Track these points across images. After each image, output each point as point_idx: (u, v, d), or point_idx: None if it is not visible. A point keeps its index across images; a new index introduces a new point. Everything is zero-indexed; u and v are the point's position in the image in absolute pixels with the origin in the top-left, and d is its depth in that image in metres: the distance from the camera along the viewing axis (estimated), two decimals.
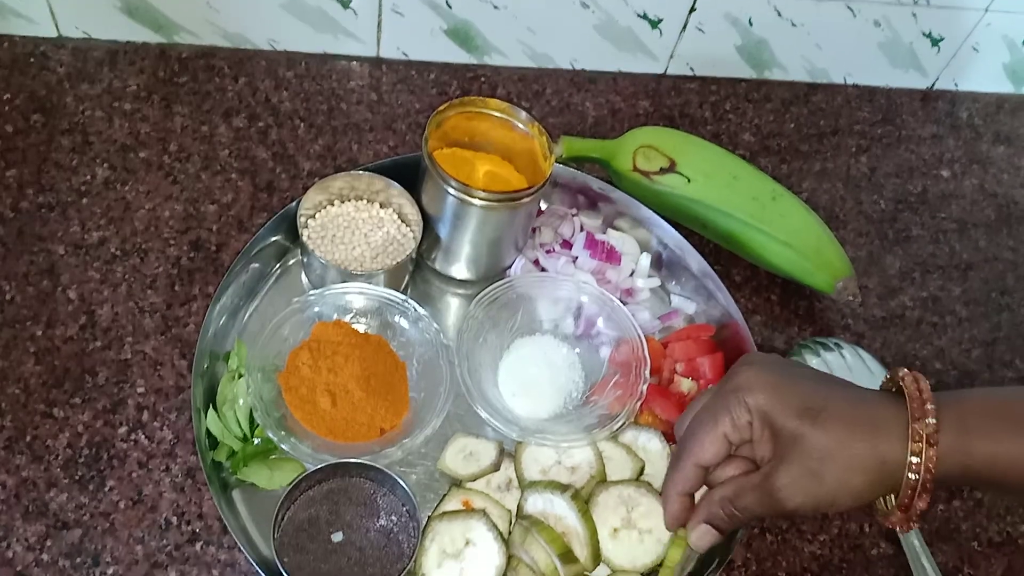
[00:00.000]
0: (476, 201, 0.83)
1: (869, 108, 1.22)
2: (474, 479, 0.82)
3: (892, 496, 0.65)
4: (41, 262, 0.89)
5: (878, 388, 0.69)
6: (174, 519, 0.79)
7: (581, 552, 0.76)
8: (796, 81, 1.21)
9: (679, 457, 0.71)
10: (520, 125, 0.89)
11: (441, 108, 0.87)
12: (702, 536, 0.71)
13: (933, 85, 1.26)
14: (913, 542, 0.85)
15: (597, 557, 0.77)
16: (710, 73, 1.18)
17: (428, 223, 0.89)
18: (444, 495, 0.81)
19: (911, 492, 0.63)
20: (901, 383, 0.65)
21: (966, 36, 1.19)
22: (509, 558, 0.76)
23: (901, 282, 1.07)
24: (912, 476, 0.62)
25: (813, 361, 0.95)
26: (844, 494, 0.64)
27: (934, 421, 0.62)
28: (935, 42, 1.19)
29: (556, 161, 0.89)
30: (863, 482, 0.63)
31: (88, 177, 0.95)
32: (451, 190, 0.83)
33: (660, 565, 0.78)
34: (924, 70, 1.23)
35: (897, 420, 0.63)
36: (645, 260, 0.96)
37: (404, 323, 0.87)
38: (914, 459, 0.62)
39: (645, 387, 0.85)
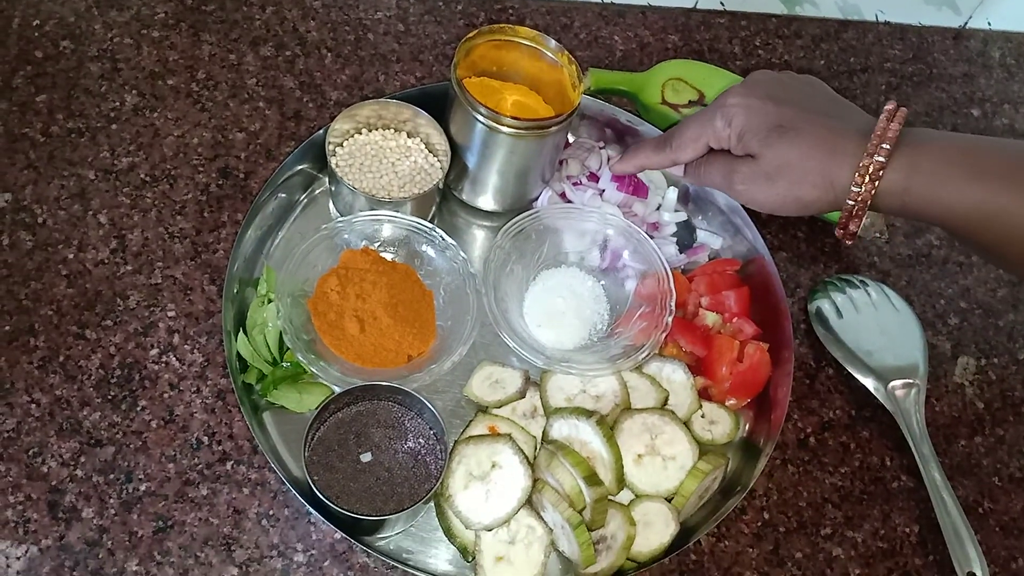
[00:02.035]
0: (505, 129, 0.83)
1: (900, 46, 1.20)
2: (500, 406, 0.83)
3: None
4: (72, 186, 0.90)
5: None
6: (205, 439, 0.81)
7: (605, 476, 0.77)
8: (827, 17, 1.20)
9: (661, 144, 0.84)
10: (549, 54, 0.89)
11: (470, 35, 0.86)
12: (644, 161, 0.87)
13: (966, 24, 1.24)
14: (934, 476, 0.85)
15: (621, 481, 0.78)
16: (740, 8, 1.17)
17: (456, 153, 0.89)
18: (470, 421, 0.82)
19: (847, 215, 0.75)
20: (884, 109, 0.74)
21: None
22: (535, 481, 0.77)
23: None
24: (850, 202, 0.73)
25: (838, 298, 0.95)
26: (791, 201, 0.76)
27: (882, 160, 0.71)
28: None
29: (584, 93, 0.88)
30: (810, 196, 0.75)
31: (117, 103, 0.96)
32: (480, 117, 0.83)
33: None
34: (957, 8, 1.21)
35: (855, 153, 0.72)
36: (672, 194, 0.96)
37: (431, 252, 0.87)
38: (855, 188, 0.73)
39: (670, 319, 0.85)
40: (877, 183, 0.72)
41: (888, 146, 0.71)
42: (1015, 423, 0.94)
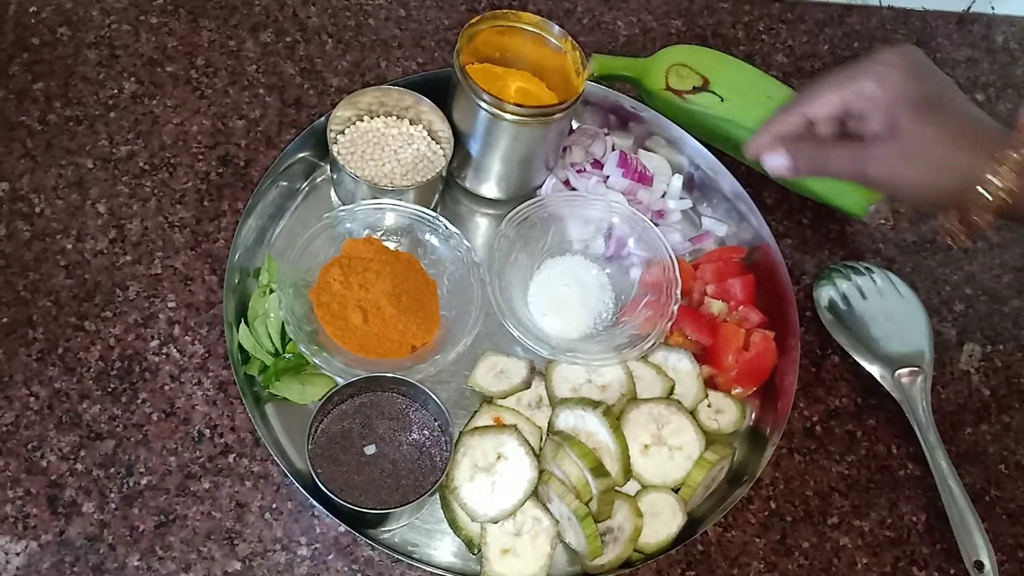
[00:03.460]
0: (508, 116, 0.82)
1: (904, 30, 1.19)
2: (505, 396, 0.82)
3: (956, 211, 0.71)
4: (70, 175, 0.89)
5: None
6: (207, 431, 0.80)
7: (612, 467, 0.77)
8: (831, 2, 1.19)
9: (790, 104, 0.76)
10: (552, 40, 0.88)
11: (473, 21, 0.85)
12: (778, 162, 0.76)
13: (969, 8, 1.23)
14: (941, 464, 0.85)
15: (628, 472, 0.78)
16: None
17: (459, 140, 0.88)
18: (475, 412, 0.82)
19: (978, 206, 0.68)
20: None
21: None
22: (540, 472, 0.77)
23: None
24: (983, 191, 0.67)
25: (844, 286, 0.94)
26: (923, 187, 0.70)
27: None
28: None
29: (587, 79, 0.87)
30: (945, 183, 0.69)
31: (115, 91, 0.94)
32: (483, 104, 0.82)
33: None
34: None
35: (999, 143, 0.67)
36: (677, 181, 0.95)
37: (435, 241, 0.86)
38: (992, 177, 0.67)
39: (676, 308, 0.84)
40: (1019, 175, 0.67)
41: None
42: (1021, 410, 0.93)
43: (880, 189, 0.76)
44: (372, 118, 0.89)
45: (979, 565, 0.81)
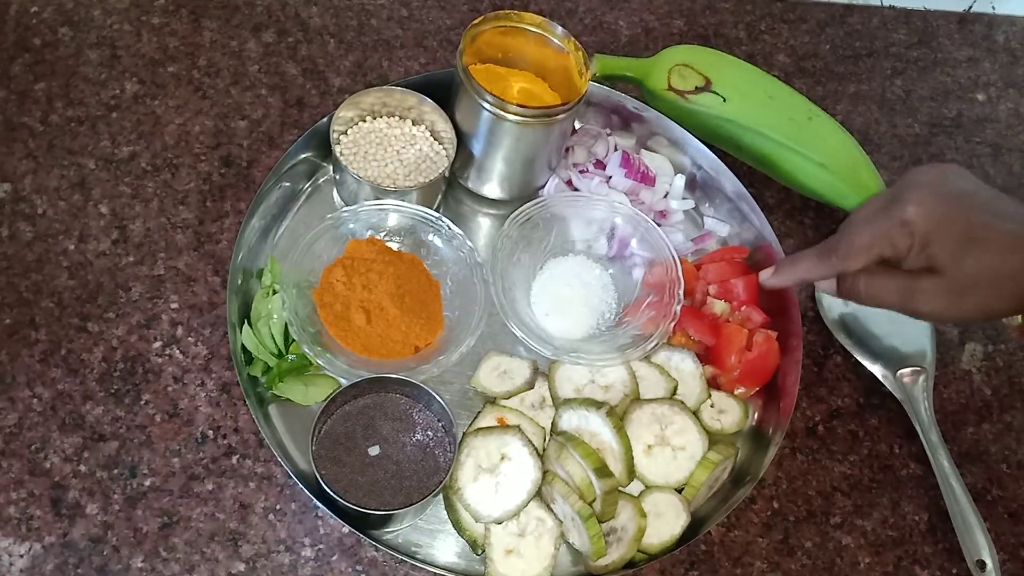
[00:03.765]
0: (511, 116, 0.82)
1: (905, 30, 1.19)
2: (508, 397, 0.82)
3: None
4: (72, 176, 0.89)
5: None
6: (210, 433, 0.80)
7: (616, 467, 0.77)
8: (832, 2, 1.19)
9: (825, 254, 0.74)
10: (555, 40, 0.88)
11: (476, 21, 0.85)
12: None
13: (970, 7, 1.23)
14: (943, 463, 0.85)
15: (631, 472, 0.78)
16: None
17: (461, 141, 0.88)
18: (478, 412, 0.82)
19: None
20: None
21: None
22: (544, 473, 0.77)
23: None
24: None
25: None
26: (979, 315, 0.70)
27: None
28: None
29: (589, 80, 0.87)
30: (1001, 307, 0.69)
31: (117, 91, 0.94)
32: (486, 105, 0.82)
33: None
34: None
35: None
36: (679, 181, 0.95)
37: (438, 242, 0.86)
38: None
39: (679, 308, 0.84)
40: None
41: None
42: (1022, 409, 0.94)
43: (929, 320, 0.74)
44: (375, 118, 0.89)
45: (981, 564, 0.81)
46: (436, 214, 0.85)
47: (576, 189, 0.93)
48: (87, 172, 0.89)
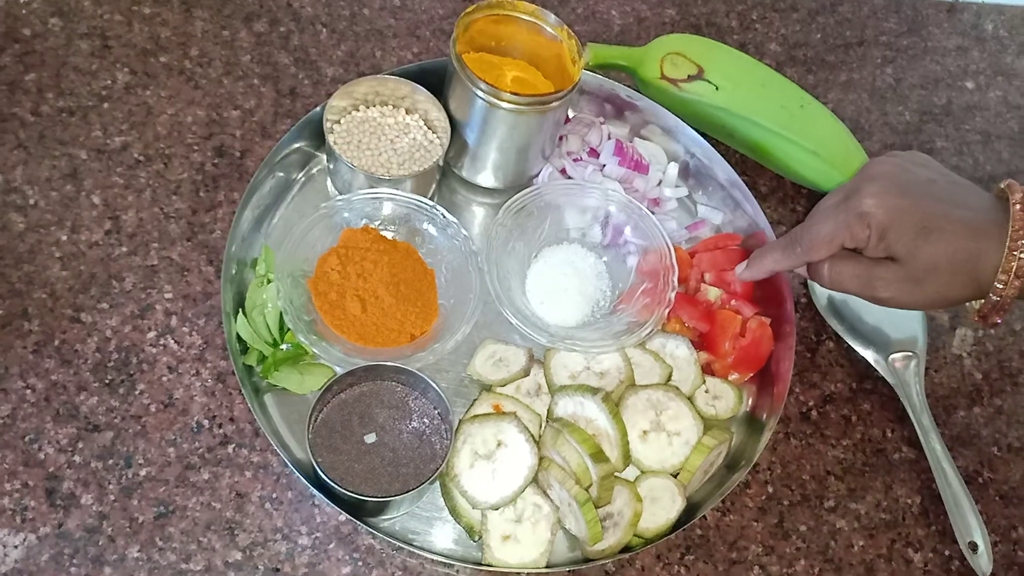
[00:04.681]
0: (504, 105, 0.82)
1: (895, 19, 1.20)
2: (504, 384, 0.82)
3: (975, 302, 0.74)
4: (64, 167, 0.89)
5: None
6: (205, 422, 0.80)
7: (611, 453, 0.77)
8: None
9: (789, 246, 0.79)
10: (548, 29, 0.88)
11: (469, 10, 0.85)
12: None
13: None
14: (935, 447, 0.86)
15: (627, 458, 0.78)
16: None
17: (455, 130, 0.88)
18: (474, 400, 0.82)
19: (989, 309, 0.71)
20: (1010, 199, 0.70)
21: None
22: (540, 459, 0.77)
23: None
24: (995, 297, 0.70)
25: None
26: (937, 301, 0.73)
27: None
28: None
29: (583, 68, 0.87)
30: (958, 294, 0.72)
31: (109, 82, 0.94)
32: (480, 93, 0.82)
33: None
34: None
35: (997, 249, 0.69)
36: (672, 169, 0.95)
37: (432, 230, 0.86)
38: (999, 285, 0.69)
39: (673, 295, 0.85)
40: (1022, 278, 0.69)
41: None
42: (1012, 393, 0.94)
43: (889, 306, 0.76)
44: (368, 107, 0.89)
45: (973, 546, 0.82)
46: (430, 203, 0.85)
47: (570, 177, 0.93)
48: (79, 163, 0.89)
